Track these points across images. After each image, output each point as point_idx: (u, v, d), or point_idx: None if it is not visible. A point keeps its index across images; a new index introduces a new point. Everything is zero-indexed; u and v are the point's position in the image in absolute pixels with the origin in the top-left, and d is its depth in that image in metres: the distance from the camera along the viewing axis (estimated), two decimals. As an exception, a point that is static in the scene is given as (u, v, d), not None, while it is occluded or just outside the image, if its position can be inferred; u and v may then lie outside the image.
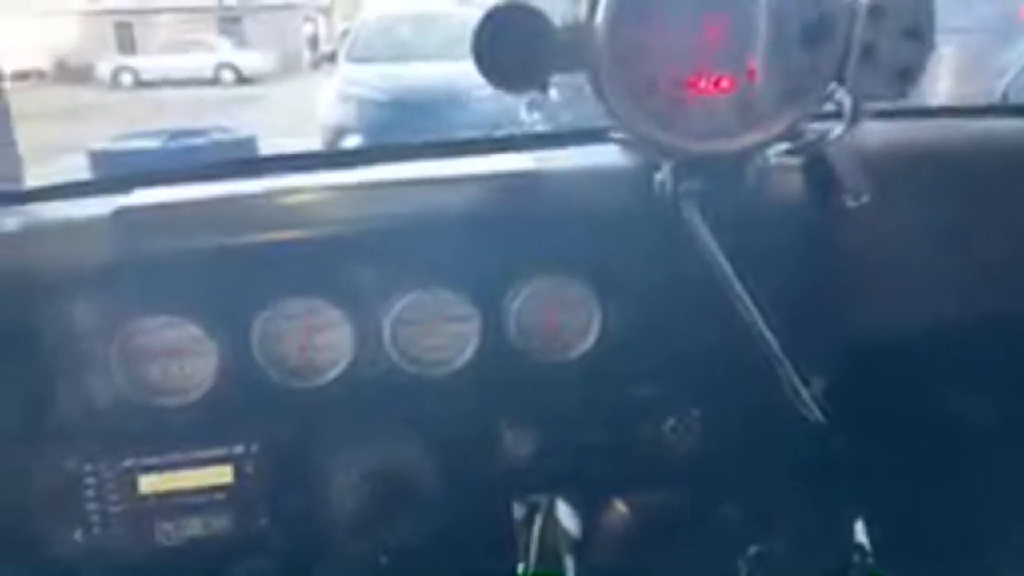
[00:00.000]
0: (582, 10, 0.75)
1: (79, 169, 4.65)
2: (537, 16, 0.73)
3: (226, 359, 0.94)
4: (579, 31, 0.75)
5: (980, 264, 0.95)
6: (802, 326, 0.89)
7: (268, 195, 0.96)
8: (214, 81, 18.31)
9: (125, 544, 0.98)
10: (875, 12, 0.72)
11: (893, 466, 1.11)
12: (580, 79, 0.81)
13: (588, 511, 1.25)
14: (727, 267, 0.85)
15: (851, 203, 0.87)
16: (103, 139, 5.23)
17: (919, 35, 0.73)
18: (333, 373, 0.96)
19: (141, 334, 0.93)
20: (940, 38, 0.76)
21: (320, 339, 0.96)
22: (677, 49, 0.76)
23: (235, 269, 0.93)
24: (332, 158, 1.06)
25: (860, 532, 1.24)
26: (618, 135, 0.95)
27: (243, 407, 0.96)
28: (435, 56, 6.39)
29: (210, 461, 0.98)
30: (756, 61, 0.74)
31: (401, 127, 5.69)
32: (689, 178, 0.82)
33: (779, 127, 0.79)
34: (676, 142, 0.80)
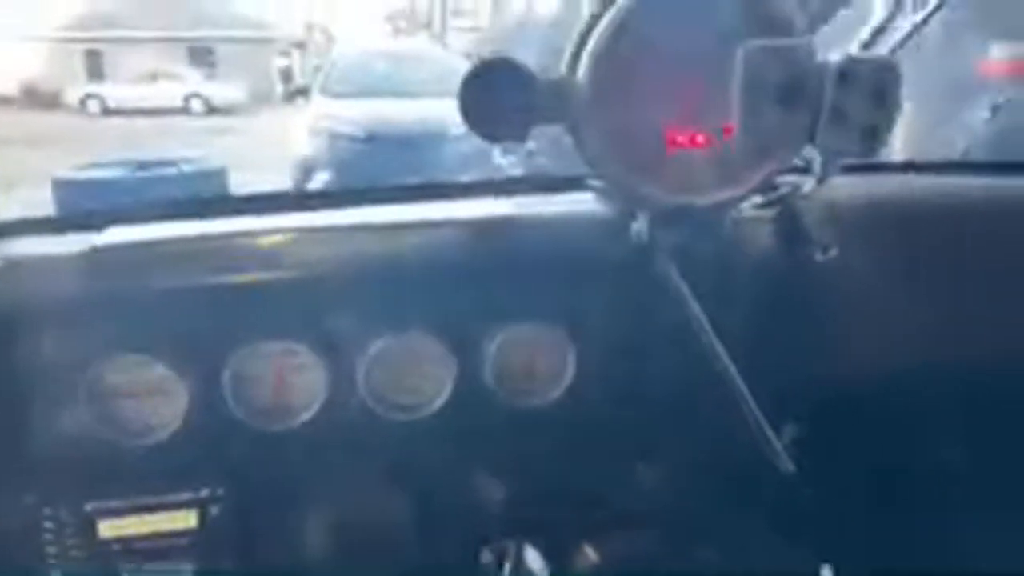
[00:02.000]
0: (563, 65, 0.77)
1: (43, 199, 4.58)
2: (520, 70, 0.75)
3: (196, 400, 0.92)
4: (561, 85, 0.77)
5: (943, 315, 0.97)
6: (772, 375, 0.90)
7: (243, 235, 0.95)
8: (183, 111, 18.24)
9: None
10: (844, 75, 0.75)
11: (860, 514, 1.12)
12: (556, 129, 0.82)
13: (557, 556, 1.24)
14: (700, 316, 0.87)
15: (819, 256, 0.90)
16: (68, 168, 5.15)
17: (886, 97, 0.76)
18: (305, 415, 0.95)
19: (110, 372, 0.91)
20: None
21: (293, 380, 0.95)
22: (655, 104, 0.79)
23: (208, 309, 0.92)
24: (305, 199, 1.06)
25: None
26: (595, 184, 0.96)
27: (211, 449, 0.95)
28: (409, 94, 6.44)
29: (174, 505, 0.96)
30: (732, 119, 0.77)
31: (372, 163, 5.70)
32: (665, 229, 0.84)
33: (753, 182, 0.81)
34: (653, 194, 0.82)
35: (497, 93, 0.74)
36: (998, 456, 1.02)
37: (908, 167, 1.02)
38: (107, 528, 0.95)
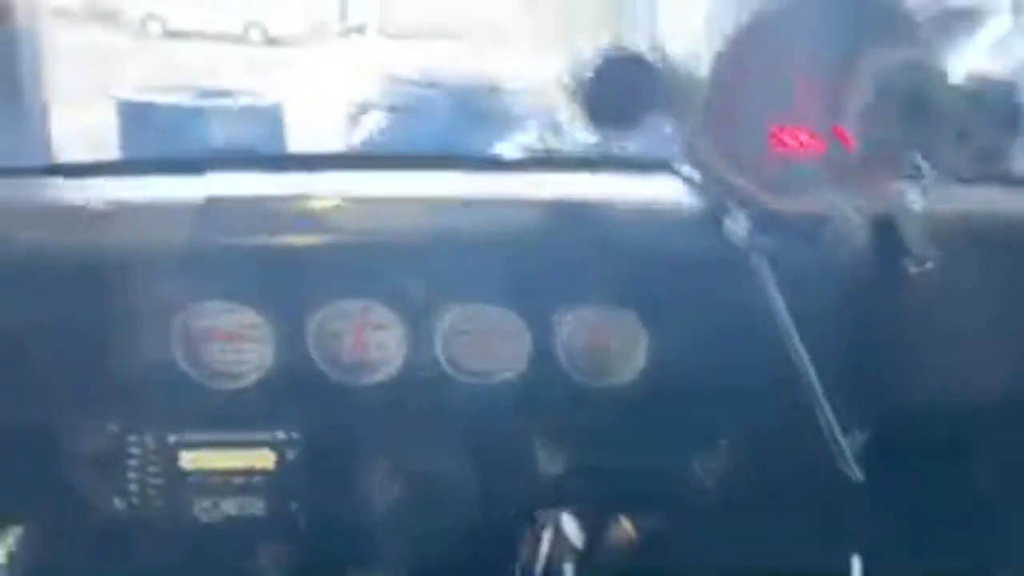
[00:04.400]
0: (682, 58, 0.77)
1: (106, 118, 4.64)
2: (644, 63, 0.75)
3: (282, 349, 0.96)
4: (679, 77, 0.77)
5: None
6: (850, 383, 0.91)
7: (336, 198, 0.97)
8: (242, 39, 18.18)
9: (162, 516, 1.00)
10: (973, 96, 0.74)
11: (907, 524, 1.12)
12: None
13: (593, 525, 1.27)
14: (786, 316, 0.87)
15: (914, 269, 0.89)
16: (131, 88, 5.21)
17: (1010, 120, 0.75)
18: (383, 374, 0.98)
19: (203, 316, 0.94)
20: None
21: (373, 339, 0.98)
22: (770, 105, 0.78)
23: (297, 264, 0.95)
24: (391, 159, 1.07)
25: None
26: (687, 172, 0.96)
27: (293, 396, 0.98)
28: (464, 39, 6.37)
29: (253, 444, 1.00)
30: (847, 126, 0.76)
31: (425, 109, 5.68)
32: (764, 231, 0.84)
33: (861, 195, 0.81)
34: (756, 193, 0.82)
35: (621, 85, 0.74)
36: None
37: (1008, 179, 0.99)
38: (188, 460, 0.99)
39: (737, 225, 0.85)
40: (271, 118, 5.29)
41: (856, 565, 1.21)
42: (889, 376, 0.97)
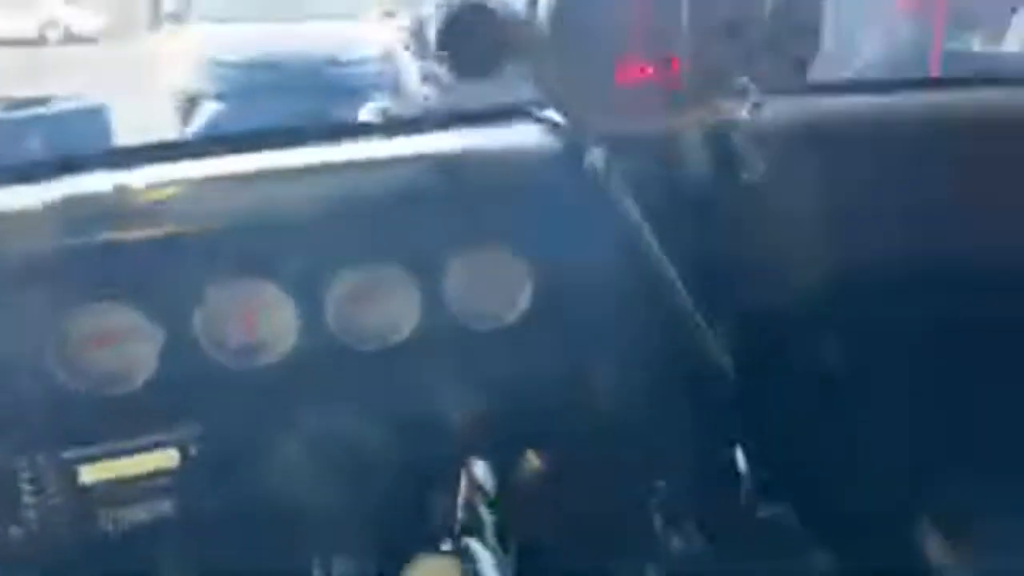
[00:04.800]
0: (525, 5, 0.81)
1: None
2: (491, 12, 0.79)
3: (169, 343, 0.94)
4: (526, 24, 0.81)
5: (860, 231, 1.09)
6: (710, 289, 1.00)
7: (202, 182, 0.96)
8: (39, 41, 16.69)
9: (67, 535, 0.97)
10: (776, 11, 0.83)
11: (776, 411, 1.24)
12: None
13: (503, 466, 1.32)
14: (648, 235, 0.95)
15: (747, 177, 0.99)
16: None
17: (811, 31, 0.84)
18: (278, 352, 0.99)
19: (80, 321, 0.91)
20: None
21: (263, 319, 0.98)
22: (608, 40, 0.84)
23: (173, 255, 0.93)
24: (246, 141, 1.06)
25: (740, 461, 1.39)
26: (541, 115, 1.02)
27: (188, 390, 0.97)
28: (294, 18, 6.15)
29: (154, 446, 0.99)
30: (678, 51, 0.83)
31: (263, 91, 5.47)
32: (617, 158, 0.91)
33: (699, 111, 0.89)
34: (605, 124, 0.88)
35: (472, 35, 0.78)
36: (911, 367, 1.15)
37: (823, 88, 1.11)
38: (88, 473, 0.97)
39: (595, 156, 0.91)
40: (95, 121, 4.93)
41: (738, 454, 1.34)
42: (740, 277, 1.07)
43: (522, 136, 1.02)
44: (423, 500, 1.17)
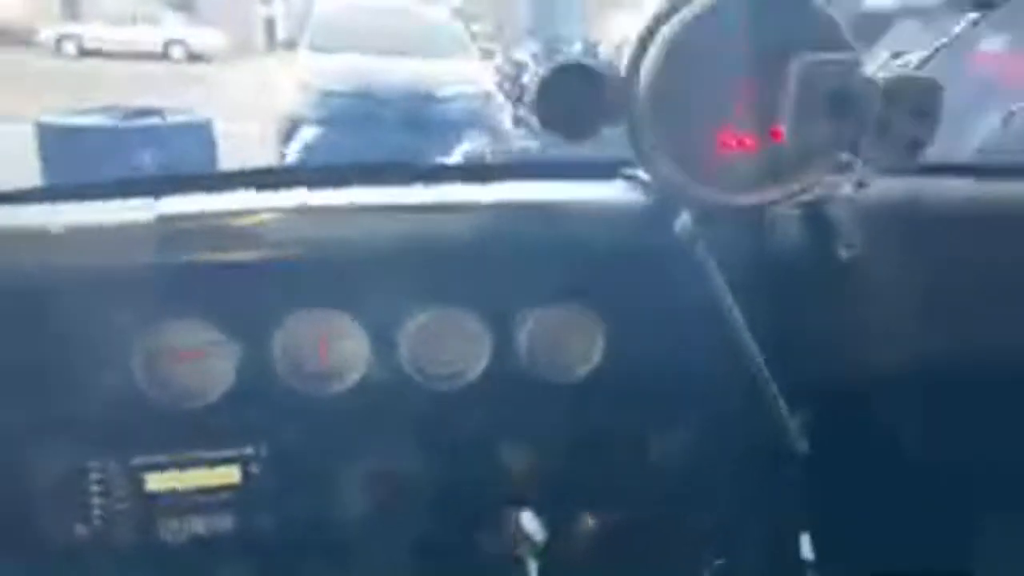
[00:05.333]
0: (626, 65, 0.81)
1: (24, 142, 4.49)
2: (591, 72, 0.79)
3: (245, 363, 0.96)
4: (626, 85, 0.81)
5: (962, 315, 1.04)
6: (792, 364, 0.96)
7: (293, 211, 0.99)
8: (163, 56, 17.79)
9: (129, 540, 0.99)
10: (891, 91, 0.80)
11: (850, 497, 1.18)
12: None
13: (554, 518, 1.30)
14: (732, 306, 0.92)
15: (844, 253, 0.95)
16: (51, 112, 5.05)
17: (928, 114, 0.81)
18: (348, 382, 1.00)
19: (163, 336, 0.94)
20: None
21: (337, 348, 0.99)
22: (710, 108, 0.83)
23: (258, 278, 0.96)
24: (341, 174, 1.08)
25: (806, 547, 1.33)
26: (634, 174, 1.01)
27: (257, 410, 0.99)
28: (395, 51, 6.37)
29: (218, 461, 1.01)
30: (782, 125, 0.81)
31: (362, 120, 5.66)
32: (707, 224, 0.89)
33: (796, 187, 0.87)
34: (702, 192, 0.86)
35: (570, 96, 0.78)
36: (1007, 460, 1.09)
37: (936, 170, 1.07)
38: (154, 481, 0.99)
39: (685, 221, 0.89)
40: (201, 136, 5.19)
41: (805, 541, 1.28)
42: (826, 355, 1.03)
43: (612, 192, 1.01)
44: (471, 545, 1.16)
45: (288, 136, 6.17)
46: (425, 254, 0.99)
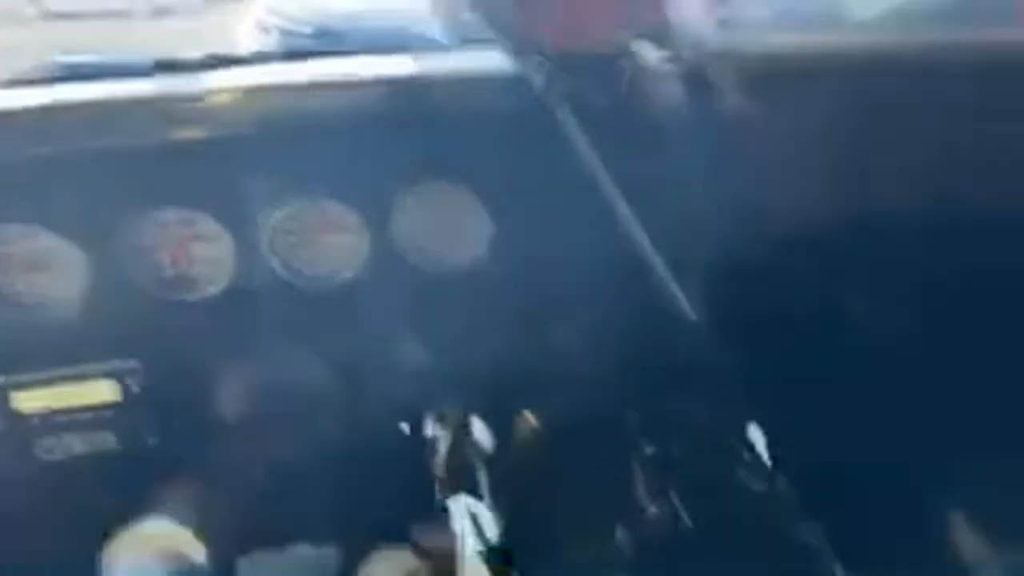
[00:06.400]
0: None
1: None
2: None
3: (94, 272, 0.91)
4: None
5: (854, 169, 0.97)
6: (675, 229, 0.91)
7: (138, 100, 0.91)
8: (124, 15, 17.31)
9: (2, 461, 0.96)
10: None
11: (771, 368, 1.14)
12: None
13: (497, 425, 1.27)
14: (602, 170, 0.86)
15: (720, 106, 0.89)
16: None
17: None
18: (213, 286, 0.94)
19: (1, 245, 0.89)
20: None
21: (197, 251, 0.94)
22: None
23: (103, 175, 0.89)
24: (216, 62, 0.99)
25: (754, 434, 1.30)
26: (497, 39, 0.93)
27: (121, 322, 0.94)
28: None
29: (91, 376, 0.96)
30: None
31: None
32: (562, 78, 0.82)
33: (645, 26, 0.79)
34: (546, 39, 0.80)
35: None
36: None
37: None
38: (24, 400, 0.95)
39: (539, 76, 0.83)
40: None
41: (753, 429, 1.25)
42: (695, 206, 0.97)
43: (469, 62, 0.94)
44: (380, 450, 1.12)
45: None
46: (282, 140, 0.91)
